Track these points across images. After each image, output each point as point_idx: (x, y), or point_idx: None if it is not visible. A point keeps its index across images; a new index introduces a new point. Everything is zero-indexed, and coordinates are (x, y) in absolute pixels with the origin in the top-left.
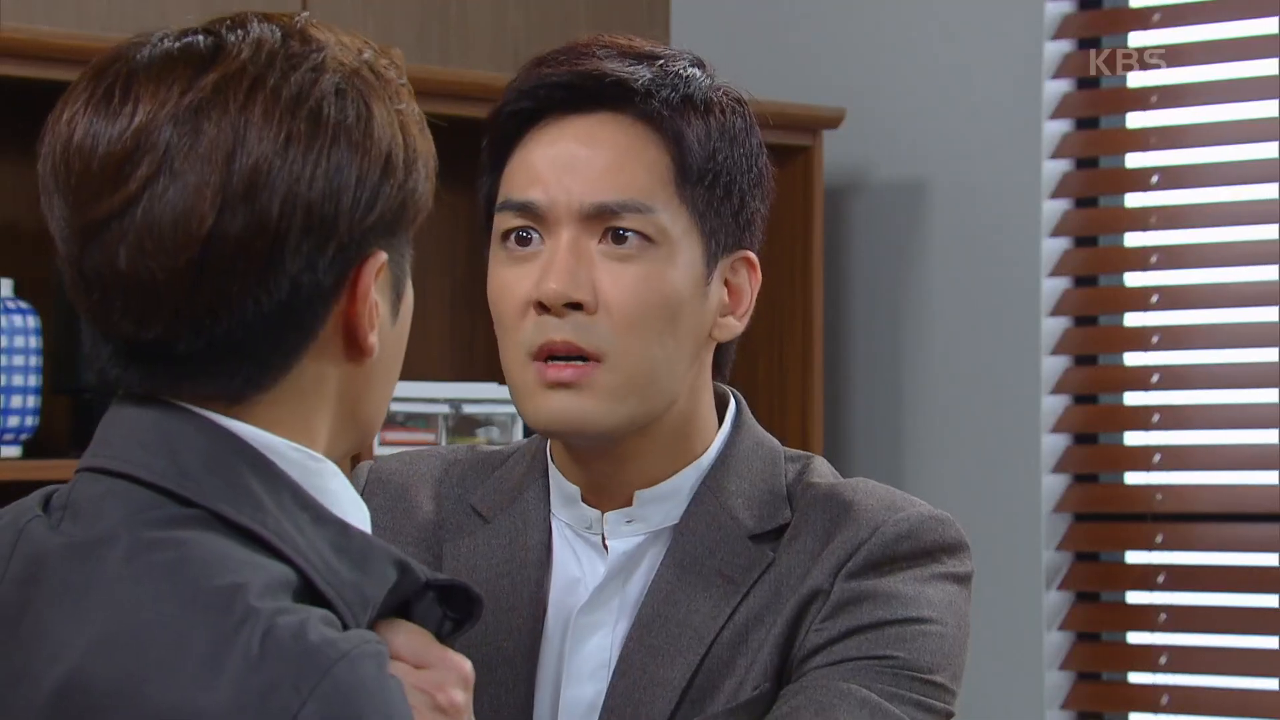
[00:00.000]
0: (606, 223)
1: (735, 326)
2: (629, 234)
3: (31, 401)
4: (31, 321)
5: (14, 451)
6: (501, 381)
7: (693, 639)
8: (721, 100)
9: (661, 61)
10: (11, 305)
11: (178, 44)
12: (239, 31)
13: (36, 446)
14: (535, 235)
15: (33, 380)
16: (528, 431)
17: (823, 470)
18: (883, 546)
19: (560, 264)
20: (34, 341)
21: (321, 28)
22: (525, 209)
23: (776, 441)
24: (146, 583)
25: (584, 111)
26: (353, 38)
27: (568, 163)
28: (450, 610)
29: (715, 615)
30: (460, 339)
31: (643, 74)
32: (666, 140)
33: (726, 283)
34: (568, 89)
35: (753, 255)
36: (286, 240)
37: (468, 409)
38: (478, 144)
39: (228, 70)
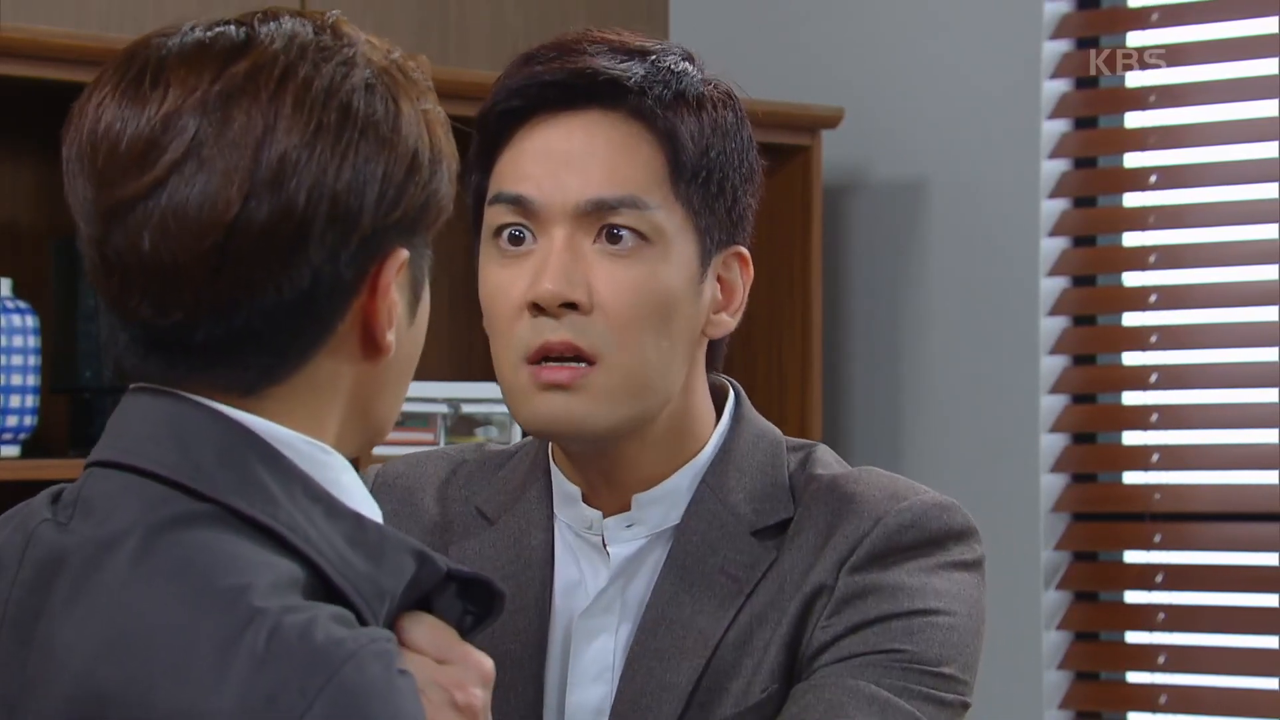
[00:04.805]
0: (602, 220)
1: (728, 323)
2: (624, 232)
3: (30, 401)
4: (30, 321)
5: (13, 451)
6: None
7: (697, 641)
8: (713, 95)
9: (653, 57)
10: (10, 305)
11: (209, 33)
12: (272, 24)
13: (35, 446)
14: (528, 234)
15: (31, 380)
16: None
17: (826, 459)
18: (885, 538)
19: (555, 264)
20: (32, 341)
21: (352, 26)
22: (518, 203)
23: (778, 431)
24: (153, 585)
25: (576, 109)
26: (381, 39)
27: (562, 160)
28: (470, 605)
29: (720, 616)
30: (459, 339)
31: (635, 70)
32: (660, 138)
33: (719, 279)
34: (560, 87)
35: (745, 251)
36: (311, 230)
37: (467, 409)
38: None
39: (260, 60)
